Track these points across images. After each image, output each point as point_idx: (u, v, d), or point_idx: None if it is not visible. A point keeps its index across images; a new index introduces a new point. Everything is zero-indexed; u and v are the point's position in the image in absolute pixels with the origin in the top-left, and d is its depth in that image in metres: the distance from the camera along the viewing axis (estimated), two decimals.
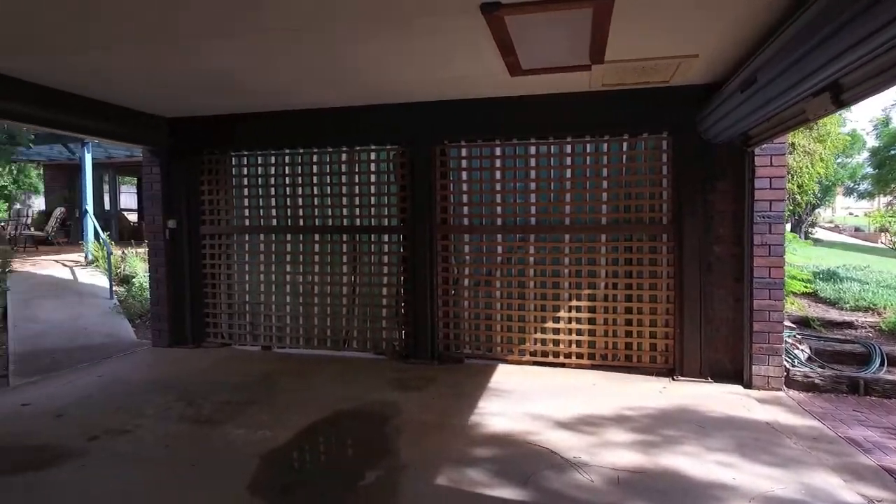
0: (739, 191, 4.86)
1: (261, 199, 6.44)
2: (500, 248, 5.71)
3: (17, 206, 18.14)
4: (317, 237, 6.28)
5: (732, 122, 4.13)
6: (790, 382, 4.81)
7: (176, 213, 6.55)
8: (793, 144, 10.60)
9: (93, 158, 12.12)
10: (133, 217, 18.68)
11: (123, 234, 16.50)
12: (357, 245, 6.17)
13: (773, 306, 4.68)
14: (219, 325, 6.64)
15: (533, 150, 5.53)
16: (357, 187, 6.11)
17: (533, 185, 5.55)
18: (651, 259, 5.25)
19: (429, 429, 3.94)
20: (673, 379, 5.02)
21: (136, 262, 9.83)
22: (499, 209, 5.67)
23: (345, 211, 6.17)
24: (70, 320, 7.62)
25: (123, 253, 10.27)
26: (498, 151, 5.64)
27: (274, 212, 6.42)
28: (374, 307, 6.11)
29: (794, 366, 4.98)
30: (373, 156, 6.05)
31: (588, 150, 5.41)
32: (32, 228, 14.37)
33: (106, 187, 17.62)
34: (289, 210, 6.35)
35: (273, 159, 6.40)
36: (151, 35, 3.72)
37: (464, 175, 5.77)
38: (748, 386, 4.75)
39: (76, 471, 3.31)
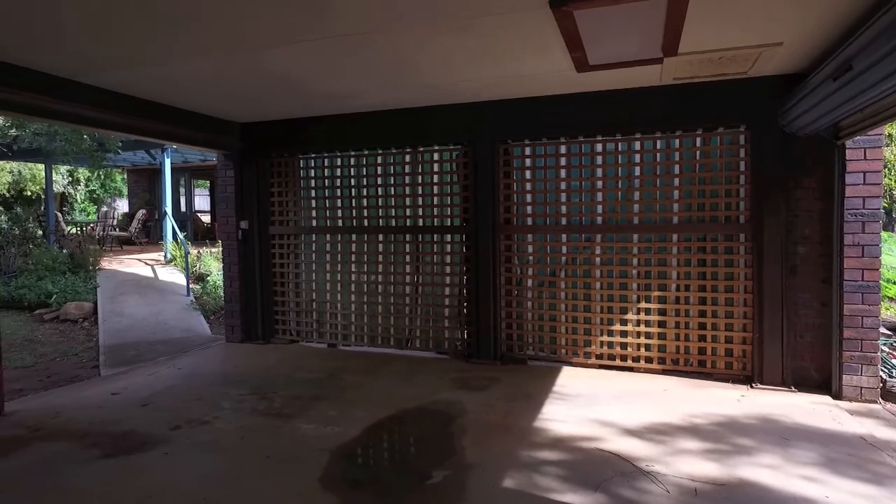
0: (827, 187, 4.54)
1: (327, 201, 6.61)
2: (564, 249, 5.60)
3: (105, 208, 19.50)
4: (381, 237, 6.38)
5: (821, 114, 3.85)
6: (887, 395, 4.43)
7: (247, 214, 6.83)
8: (890, 136, 9.80)
9: (171, 163, 12.87)
10: (206, 218, 19.68)
11: (198, 234, 17.43)
12: (420, 245, 6.22)
13: (868, 311, 4.33)
14: (287, 323, 6.87)
15: (599, 147, 5.39)
16: (420, 188, 6.16)
17: (599, 184, 5.40)
18: (727, 260, 4.99)
19: (494, 430, 3.91)
20: (751, 387, 4.75)
21: (211, 261, 10.34)
22: (563, 208, 5.56)
23: (408, 211, 6.23)
24: (152, 315, 8.11)
25: (199, 252, 10.83)
26: (563, 150, 5.53)
27: (339, 212, 6.57)
28: (437, 307, 6.14)
29: (891, 376, 4.59)
30: (436, 156, 6.08)
31: (658, 147, 5.21)
32: (117, 229, 15.40)
33: (182, 190, 18.68)
34: (354, 211, 6.48)
35: (339, 161, 6.55)
36: (228, 45, 3.89)
37: (527, 174, 5.70)
38: (837, 397, 4.42)
39: (161, 457, 3.50)
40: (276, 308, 6.87)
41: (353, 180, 6.47)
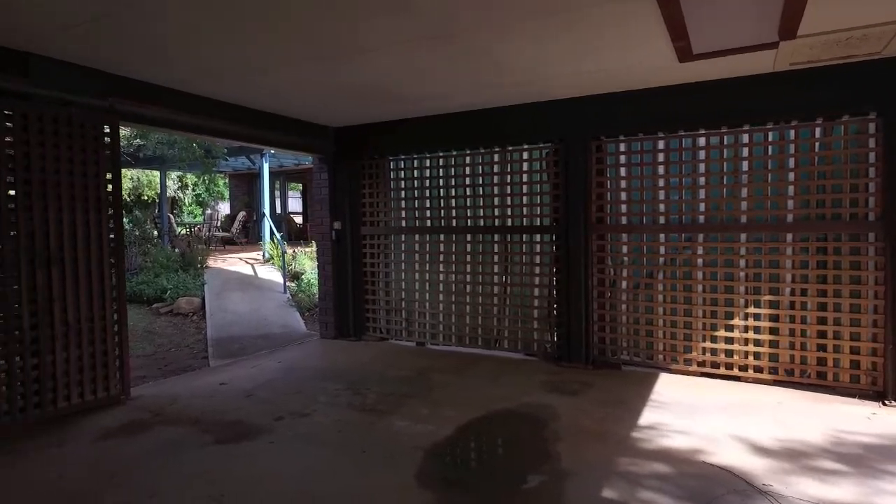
0: None
1: (416, 201, 6.70)
2: (662, 249, 5.31)
3: (209, 211, 21.03)
4: (469, 237, 6.37)
5: None
6: None
7: (340, 215, 7.07)
8: None
9: (268, 167, 13.66)
10: (298, 219, 20.68)
11: (291, 234, 18.36)
12: (509, 245, 6.15)
13: None
14: (377, 321, 7.04)
15: (702, 141, 5.06)
16: (509, 187, 6.09)
17: (702, 180, 5.07)
18: (853, 262, 4.52)
19: (589, 437, 3.77)
20: (884, 404, 4.26)
21: (305, 261, 10.84)
22: (661, 207, 5.27)
23: (497, 211, 6.19)
24: (252, 311, 8.61)
25: (294, 252, 11.39)
26: (661, 145, 5.26)
27: (428, 213, 6.64)
28: (526, 308, 6.05)
29: None
30: (525, 155, 5.99)
31: (770, 139, 4.81)
32: (220, 230, 16.54)
33: (277, 193, 19.77)
34: (442, 211, 6.52)
35: (427, 162, 6.63)
36: (328, 52, 4.05)
37: (622, 171, 5.46)
38: None
39: (267, 445, 3.68)
40: (366, 306, 7.06)
41: (441, 181, 6.52)
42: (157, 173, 18.39)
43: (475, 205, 6.30)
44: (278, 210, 19.48)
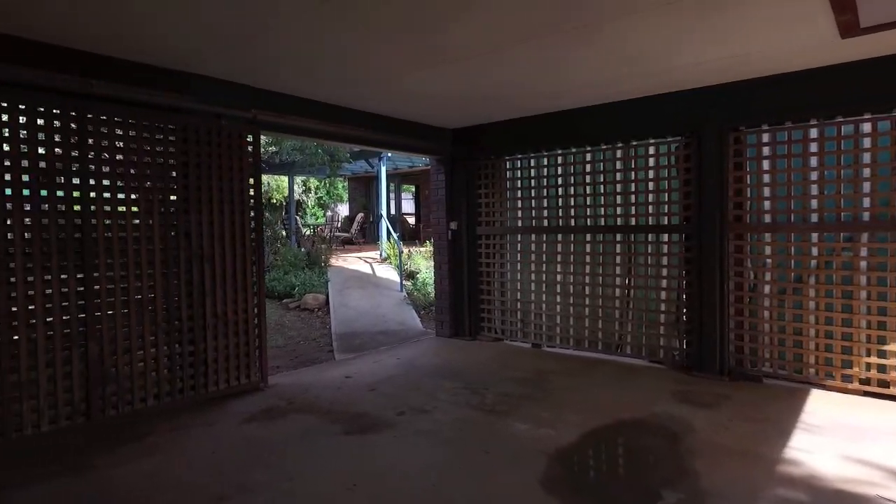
0: None
1: (532, 201, 6.59)
2: (814, 250, 4.74)
3: (329, 213, 22.35)
4: (589, 237, 6.14)
5: None
6: None
7: (456, 215, 7.14)
8: None
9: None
10: (411, 220, 21.33)
11: (404, 234, 18.96)
12: (632, 245, 5.84)
13: None
14: (492, 321, 7.01)
15: (867, 127, 4.44)
16: (633, 185, 5.78)
17: (866, 172, 4.46)
18: None
19: (730, 456, 3.44)
20: None
21: (419, 260, 11.12)
22: (813, 203, 4.71)
23: (619, 210, 5.90)
24: (371, 308, 8.99)
25: (409, 251, 11.74)
26: (813, 133, 4.69)
27: (545, 212, 6.50)
28: (651, 312, 5.70)
29: None
30: (651, 150, 5.64)
31: None
32: (340, 230, 17.51)
33: (392, 195, 20.54)
34: (560, 210, 6.35)
35: (545, 160, 6.48)
36: (462, 53, 4.09)
37: (765, 164, 4.95)
38: None
39: (391, 439, 3.79)
40: (482, 306, 7.07)
41: (559, 179, 6.35)
42: (285, 178, 19.90)
43: (596, 203, 6.06)
44: (392, 211, 20.22)
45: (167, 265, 4.44)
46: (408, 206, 25.08)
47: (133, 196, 4.30)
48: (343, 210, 24.60)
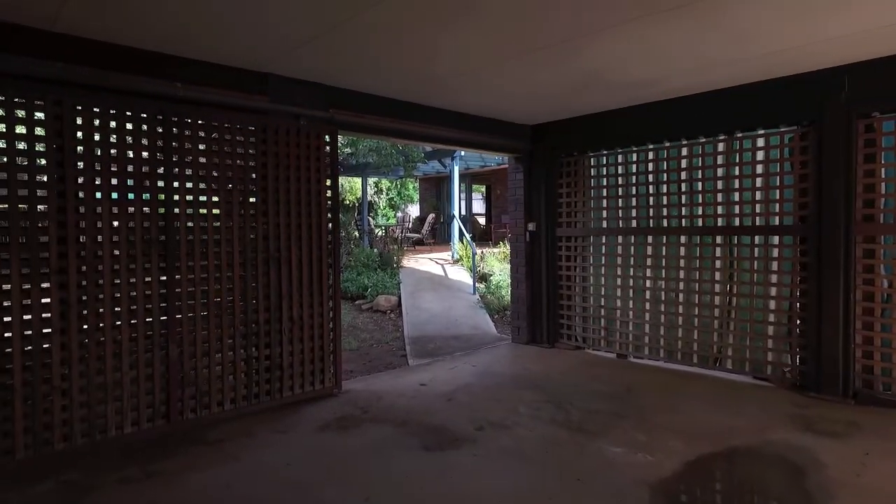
0: None
1: (619, 200, 6.12)
2: None
3: (401, 213, 22.50)
4: (683, 239, 5.60)
5: None
6: None
7: (535, 215, 6.78)
8: None
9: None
10: (482, 220, 21.03)
11: (475, 235, 18.71)
12: (734, 248, 5.26)
13: None
14: (572, 328, 6.60)
15: None
16: (736, 181, 5.20)
17: None
18: None
19: (879, 499, 2.91)
20: None
21: (493, 262, 10.82)
22: None
23: (719, 209, 5.33)
24: (444, 311, 8.78)
25: (482, 253, 11.46)
26: None
27: (633, 212, 6.01)
28: (757, 322, 5.10)
29: None
30: (759, 142, 5.05)
31: None
32: (411, 231, 17.50)
33: (463, 195, 20.34)
34: (651, 210, 5.85)
35: (633, 156, 6.00)
36: (544, 41, 3.76)
37: None
38: None
39: (471, 458, 3.51)
40: (561, 312, 6.67)
41: (650, 176, 5.85)
42: (358, 179, 20.21)
43: (692, 202, 5.52)
44: (463, 211, 20.02)
45: (245, 268, 4.40)
46: (478, 206, 24.82)
47: (214, 198, 4.28)
48: (413, 211, 24.71)
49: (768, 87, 4.78)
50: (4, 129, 3.40)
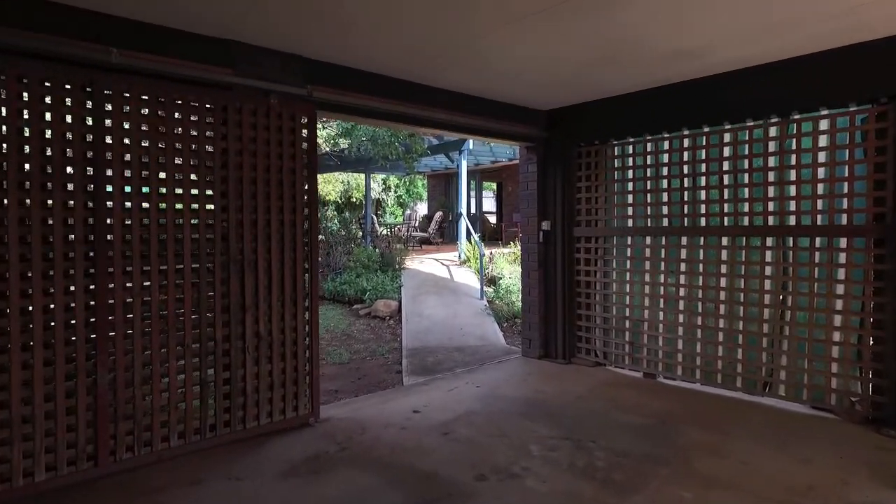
0: None
1: (648, 195, 5.28)
2: None
3: (408, 211, 21.74)
4: (725, 241, 4.76)
5: None
6: None
7: (550, 213, 5.97)
8: None
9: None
10: (492, 219, 20.21)
11: (485, 234, 17.92)
12: (788, 252, 4.41)
13: None
14: (592, 341, 5.78)
15: None
16: (793, 172, 4.35)
17: None
18: None
19: None
20: None
21: (502, 264, 10.00)
22: None
23: (771, 205, 4.48)
24: (448, 318, 7.99)
25: (491, 254, 10.65)
26: None
27: (665, 209, 5.18)
28: (816, 341, 4.25)
29: None
30: (822, 124, 4.19)
31: None
32: (418, 230, 16.74)
33: (472, 193, 19.53)
34: (686, 206, 5.00)
35: (665, 144, 5.16)
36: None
37: None
38: None
39: None
40: (579, 323, 5.85)
41: (685, 168, 5.00)
42: (362, 176, 19.47)
43: (737, 198, 4.67)
44: (473, 210, 19.21)
45: (199, 274, 3.64)
46: (488, 204, 24.01)
47: (161, 190, 3.52)
48: (422, 209, 23.96)
49: (837, 58, 3.93)
50: None
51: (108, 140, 3.30)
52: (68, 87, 3.17)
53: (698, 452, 3.54)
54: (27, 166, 3.05)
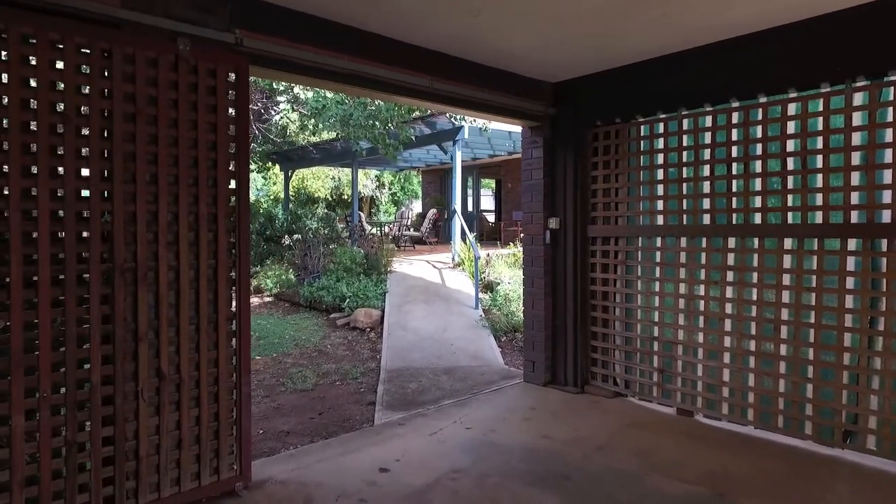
0: None
1: (684, 185, 4.19)
2: None
3: (402, 209, 20.63)
4: (788, 243, 3.67)
5: None
6: None
7: (558, 208, 4.88)
8: None
9: (461, 160, 12.10)
10: (491, 218, 19.10)
11: (483, 234, 16.83)
12: (880, 259, 3.32)
13: None
14: (610, 366, 4.69)
15: None
16: (886, 151, 3.26)
17: None
18: None
19: None
20: None
21: (501, 267, 8.89)
22: None
23: (854, 197, 3.40)
24: (437, 332, 6.89)
25: (488, 255, 9.54)
26: None
27: (706, 203, 4.08)
28: None
29: None
30: None
31: None
32: (411, 229, 15.63)
33: (470, 191, 18.42)
34: (735, 200, 3.91)
35: (707, 121, 4.06)
36: None
37: None
38: None
39: None
40: (594, 343, 4.76)
41: (734, 149, 3.91)
42: (361, 172, 18.35)
43: (806, 186, 3.57)
44: (470, 208, 18.10)
45: (65, 288, 2.53)
46: (487, 202, 22.91)
47: (3, 168, 2.42)
48: (418, 207, 22.86)
49: None
50: None
51: None
52: None
53: None
54: None
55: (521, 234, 5.72)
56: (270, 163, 16.23)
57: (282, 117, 10.22)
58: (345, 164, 15.53)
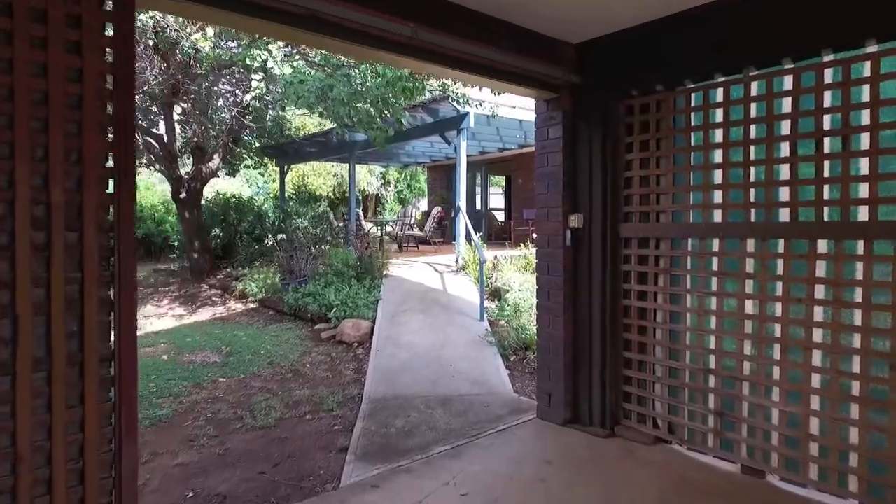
0: None
1: (752, 170, 3.15)
2: None
3: (407, 207, 19.68)
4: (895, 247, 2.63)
5: None
6: None
7: (581, 202, 3.86)
8: None
9: (467, 154, 11.09)
10: (501, 216, 18.06)
11: (492, 234, 15.82)
12: None
13: None
14: (648, 402, 3.66)
15: None
16: None
17: None
18: None
19: None
20: None
21: (510, 272, 7.86)
22: None
23: None
24: (434, 348, 5.87)
25: (496, 258, 8.52)
26: None
27: (783, 193, 3.04)
28: None
29: None
30: None
31: None
32: (415, 228, 14.65)
33: (478, 188, 17.39)
34: (825, 188, 2.87)
35: (786, 82, 3.02)
36: None
37: None
38: None
39: None
40: (628, 373, 3.74)
41: (825, 119, 2.86)
42: (362, 169, 17.42)
43: None
44: (478, 206, 17.07)
45: None
46: (497, 200, 21.87)
47: None
48: (423, 205, 21.90)
49: None
50: None
51: None
52: None
53: None
54: None
55: (534, 235, 4.71)
56: (266, 158, 15.33)
57: (253, 98, 9.28)
58: (342, 159, 14.55)
